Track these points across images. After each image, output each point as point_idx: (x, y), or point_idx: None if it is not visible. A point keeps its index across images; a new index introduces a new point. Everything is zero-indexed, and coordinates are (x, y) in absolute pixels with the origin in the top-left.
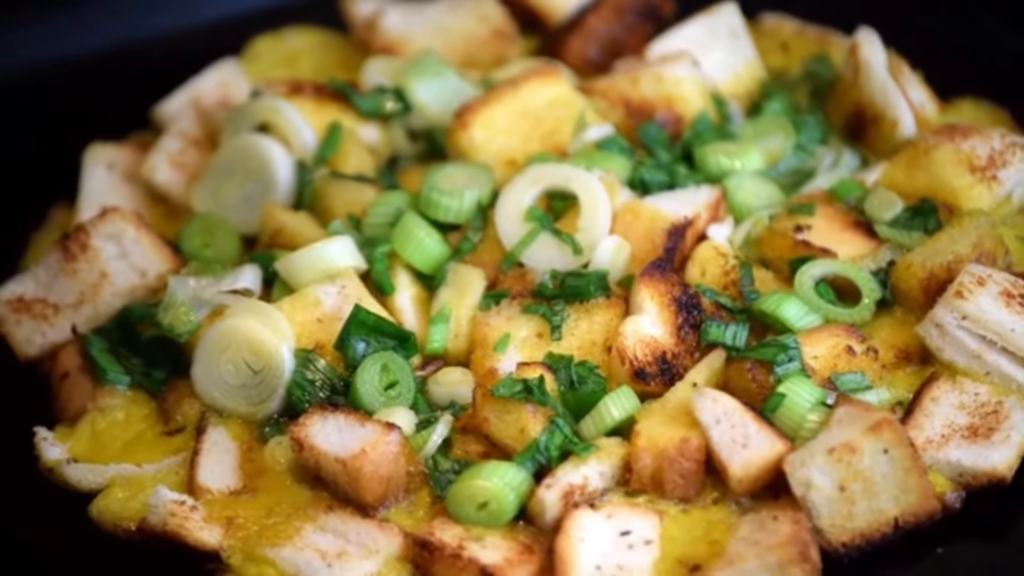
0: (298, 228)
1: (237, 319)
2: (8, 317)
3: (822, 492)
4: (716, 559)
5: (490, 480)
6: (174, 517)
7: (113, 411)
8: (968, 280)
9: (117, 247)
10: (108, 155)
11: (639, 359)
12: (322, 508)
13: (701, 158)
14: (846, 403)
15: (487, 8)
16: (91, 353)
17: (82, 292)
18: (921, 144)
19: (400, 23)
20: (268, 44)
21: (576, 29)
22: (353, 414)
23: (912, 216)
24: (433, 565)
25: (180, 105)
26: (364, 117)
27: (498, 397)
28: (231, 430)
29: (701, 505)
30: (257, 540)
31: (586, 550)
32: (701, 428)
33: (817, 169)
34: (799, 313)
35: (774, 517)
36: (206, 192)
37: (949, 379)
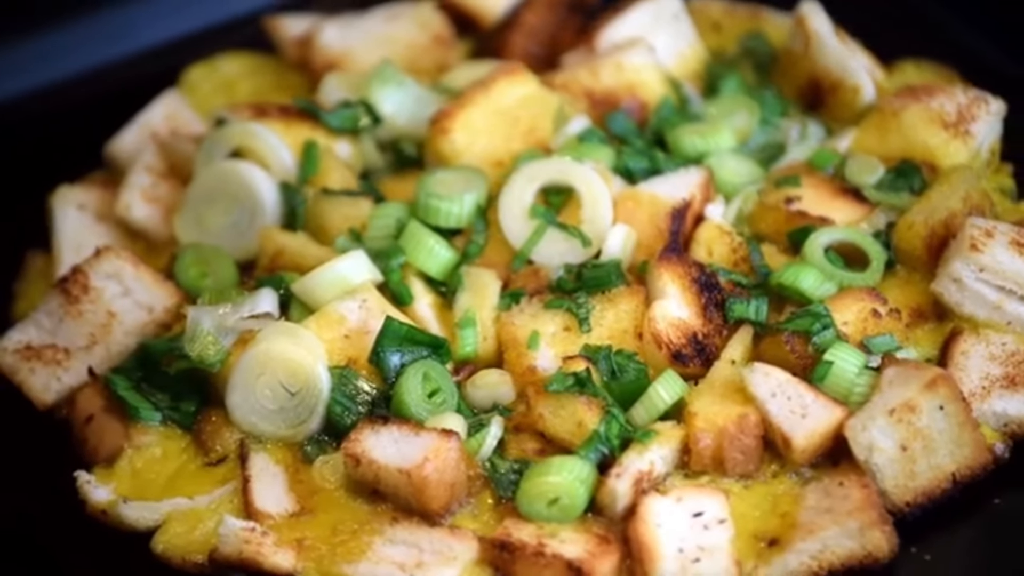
0: (300, 248)
1: (269, 343)
2: (20, 367)
3: (885, 454)
4: (791, 531)
5: (559, 475)
6: (248, 544)
7: (149, 448)
8: (977, 233)
9: (119, 285)
10: (76, 197)
11: (674, 342)
12: (386, 521)
13: (675, 142)
14: (894, 364)
15: (426, 14)
16: (117, 393)
17: (92, 333)
18: (887, 107)
19: (339, 38)
20: (202, 72)
21: (515, 27)
22: (405, 424)
23: (896, 177)
24: (514, 566)
25: (133, 140)
26: (334, 133)
27: (552, 393)
28: (273, 455)
29: (762, 480)
30: (331, 559)
31: (665, 534)
32: (756, 403)
33: (786, 142)
34: (817, 282)
35: (839, 483)
36: (189, 223)
37: (972, 332)
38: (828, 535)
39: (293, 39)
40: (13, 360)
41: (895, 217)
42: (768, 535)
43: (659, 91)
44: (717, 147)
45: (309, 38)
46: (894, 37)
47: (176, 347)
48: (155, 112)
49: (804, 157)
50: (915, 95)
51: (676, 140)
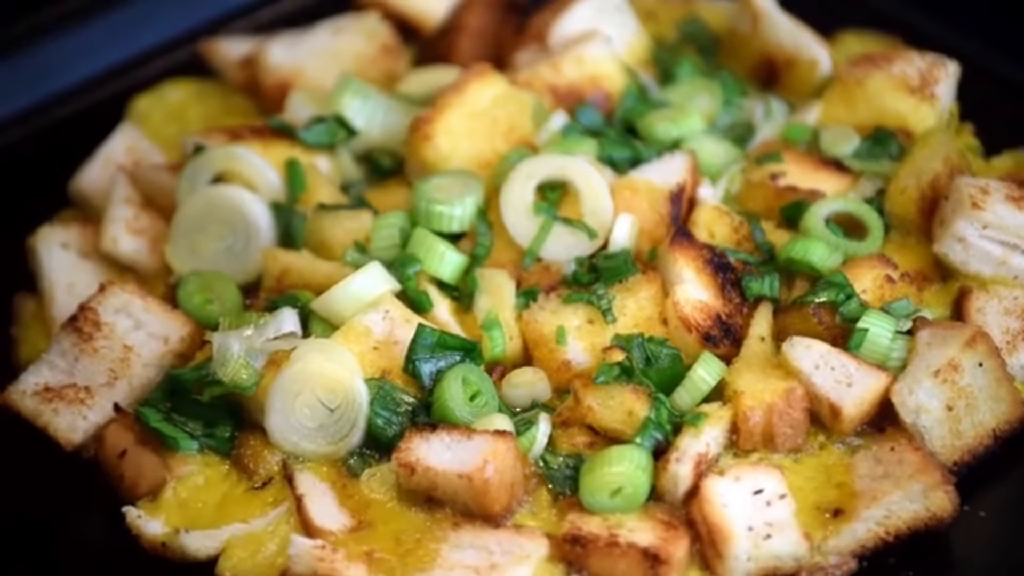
0: (309, 266)
1: (304, 361)
2: (42, 409)
3: (932, 415)
4: (853, 499)
5: (621, 465)
6: (322, 562)
7: (191, 477)
8: (974, 191)
9: (129, 319)
10: (58, 236)
11: (702, 325)
12: (448, 527)
13: (647, 129)
14: (927, 325)
15: (372, 25)
16: (151, 426)
17: (111, 369)
18: (849, 78)
19: (287, 57)
20: (150, 102)
21: (459, 30)
22: (455, 430)
23: (872, 145)
24: (588, 559)
25: (98, 175)
26: (311, 150)
27: (600, 385)
28: (317, 472)
29: (810, 453)
30: (402, 570)
31: (733, 514)
32: (801, 377)
33: (753, 121)
34: (826, 254)
35: (890, 449)
36: (182, 251)
37: (982, 290)
38: (892, 500)
39: (234, 62)
40: (34, 403)
41: (881, 184)
42: (830, 506)
43: (621, 81)
44: (690, 131)
45: (254, 59)
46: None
47: (206, 374)
48: (115, 145)
49: (774, 134)
50: (874, 63)
51: (648, 128)
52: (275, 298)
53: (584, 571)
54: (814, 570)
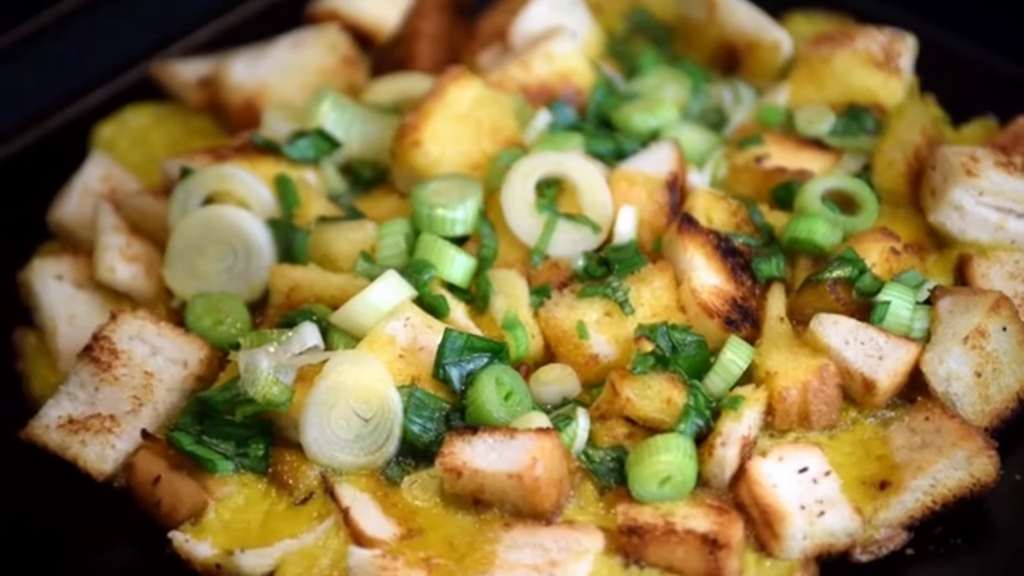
0: (318, 280)
1: (337, 374)
2: (69, 441)
3: (963, 382)
4: (896, 471)
5: (669, 453)
6: (385, 571)
7: (231, 498)
8: (965, 159)
9: (144, 345)
10: (51, 269)
11: (721, 310)
12: (499, 528)
13: (623, 122)
14: (946, 294)
15: (332, 37)
16: (185, 450)
17: (135, 396)
18: (813, 58)
19: (250, 74)
20: (113, 129)
21: (415, 37)
22: (496, 431)
23: (848, 122)
24: (645, 549)
25: (77, 205)
26: (296, 164)
27: (638, 375)
28: (356, 484)
29: (844, 429)
30: (462, 574)
31: (784, 494)
32: (831, 353)
33: (723, 106)
34: (828, 232)
35: (925, 418)
36: (181, 275)
37: (982, 256)
38: (938, 469)
39: (190, 83)
40: (59, 436)
41: (864, 159)
42: (874, 479)
43: (589, 76)
44: (666, 121)
45: (214, 79)
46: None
47: (236, 394)
48: (89, 175)
49: (748, 118)
50: (836, 41)
51: (624, 120)
52: (289, 314)
53: (641, 561)
54: (868, 544)
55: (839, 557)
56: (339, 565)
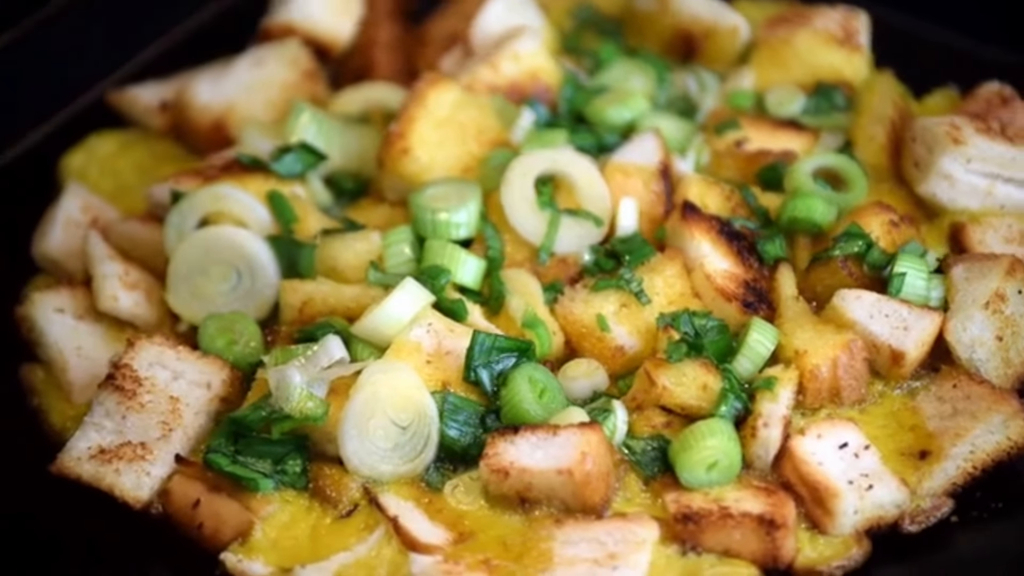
0: (331, 292)
1: (373, 384)
2: (103, 471)
3: (986, 346)
4: (933, 440)
5: (715, 438)
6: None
7: (276, 516)
8: (948, 129)
9: (165, 370)
10: (51, 302)
11: (737, 293)
12: (550, 525)
13: (597, 116)
14: (959, 261)
15: (293, 52)
16: (224, 471)
17: (163, 422)
18: (773, 40)
19: (215, 95)
20: (81, 158)
21: (372, 46)
22: (538, 429)
23: (819, 100)
24: (702, 535)
25: (62, 237)
26: (284, 180)
27: (673, 363)
28: (398, 493)
29: (872, 402)
30: (523, 573)
31: (830, 470)
32: (856, 328)
33: (689, 95)
34: (826, 210)
35: (953, 386)
36: (186, 298)
37: (974, 223)
38: (976, 435)
39: (151, 108)
40: (92, 466)
41: (841, 136)
42: (913, 449)
43: (556, 73)
44: (640, 112)
45: (179, 102)
46: None
47: (271, 412)
48: (69, 206)
49: (717, 104)
50: (793, 22)
51: (598, 114)
52: (307, 328)
53: (698, 548)
54: (916, 515)
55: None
56: (397, 574)
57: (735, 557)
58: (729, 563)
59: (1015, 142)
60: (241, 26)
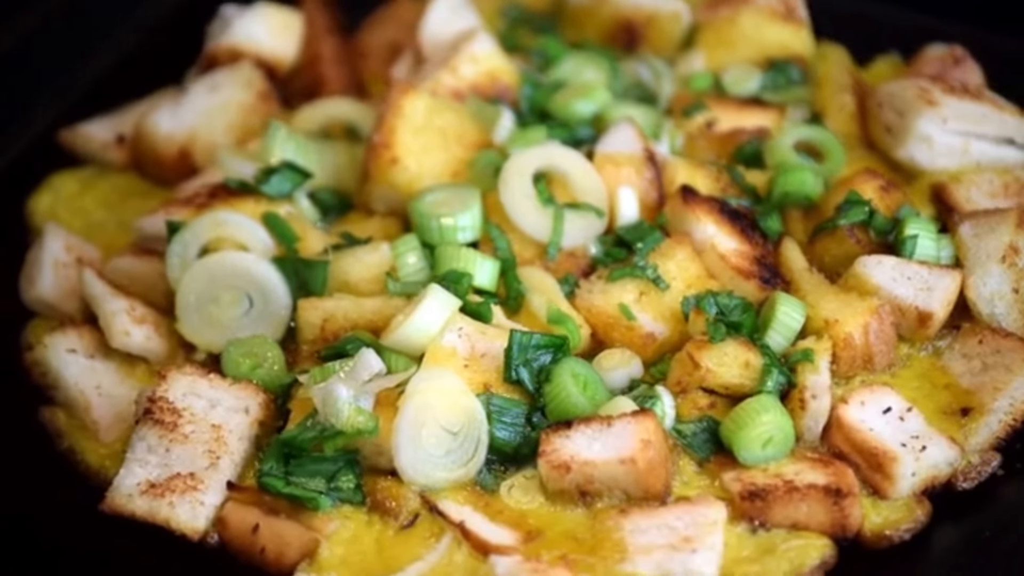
0: (352, 307)
1: (421, 393)
2: (157, 505)
3: (1005, 300)
4: (970, 396)
5: (768, 414)
6: (537, 573)
7: (339, 533)
8: (918, 91)
9: (200, 399)
10: (62, 343)
11: (752, 270)
12: (616, 516)
13: (562, 111)
14: (964, 219)
15: (247, 74)
16: (282, 493)
17: (209, 451)
18: (716, 21)
19: (176, 123)
20: (47, 199)
21: (318, 62)
22: (590, 421)
23: (775, 76)
24: (770, 510)
25: (52, 280)
26: (275, 201)
27: (715, 345)
28: (455, 497)
29: (902, 366)
30: (603, 566)
31: (882, 436)
32: (881, 293)
33: (643, 82)
34: (815, 182)
35: (979, 342)
36: (199, 326)
37: (954, 182)
38: (1015, 387)
39: (107, 143)
40: (145, 502)
41: (805, 108)
42: (952, 407)
43: (514, 72)
44: (604, 103)
45: (140, 135)
46: None
47: (322, 429)
48: (54, 247)
49: (676, 90)
50: (733, 2)
51: (563, 109)
52: (334, 345)
53: (767, 524)
54: (968, 471)
55: (942, 488)
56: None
57: (803, 530)
58: (801, 536)
59: (980, 99)
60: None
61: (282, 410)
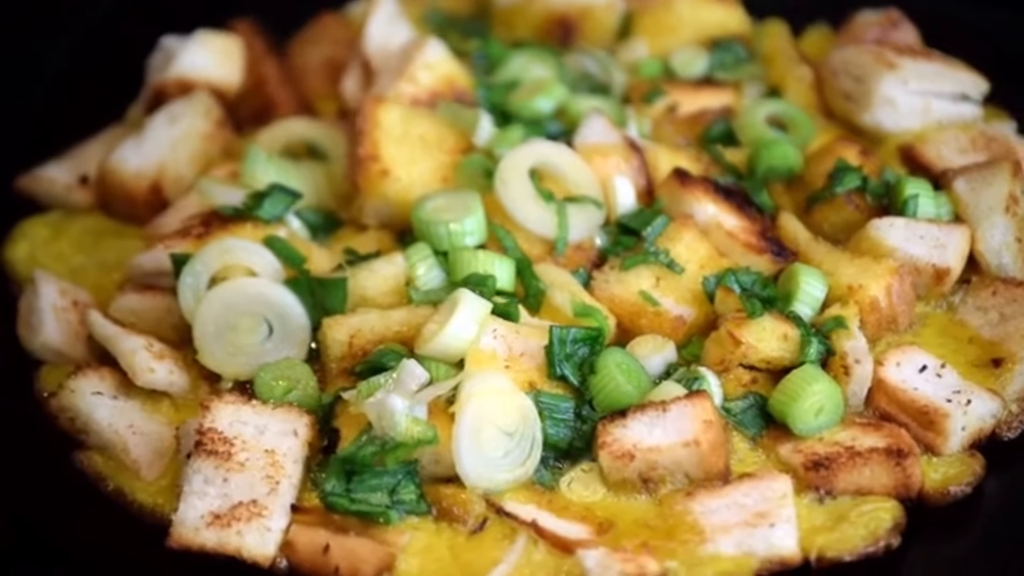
0: (378, 321)
1: (476, 398)
2: (226, 535)
3: (1011, 249)
4: (998, 347)
5: (818, 383)
6: (628, 563)
7: (412, 544)
8: (876, 55)
9: (247, 426)
10: (86, 386)
11: (761, 244)
12: (684, 499)
13: (523, 109)
14: (957, 175)
15: (205, 103)
16: (352, 511)
17: (268, 476)
18: (651, 9)
19: (142, 159)
20: (23, 248)
21: (266, 84)
22: (645, 408)
23: (721, 55)
24: (835, 477)
25: (56, 328)
26: (269, 224)
27: (754, 321)
28: (517, 498)
29: (922, 324)
30: (683, 550)
31: (928, 395)
32: (896, 254)
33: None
34: (796, 154)
35: (992, 293)
36: (222, 356)
37: (920, 142)
38: None
39: (70, 186)
40: (213, 533)
41: (760, 84)
42: (982, 360)
43: (466, 75)
44: (561, 98)
45: (106, 174)
46: None
47: (383, 443)
48: (49, 294)
49: (628, 79)
50: None
51: (523, 108)
52: (369, 360)
53: (833, 492)
54: (1010, 421)
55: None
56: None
57: (867, 495)
58: (868, 501)
59: (932, 59)
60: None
61: (324, 430)
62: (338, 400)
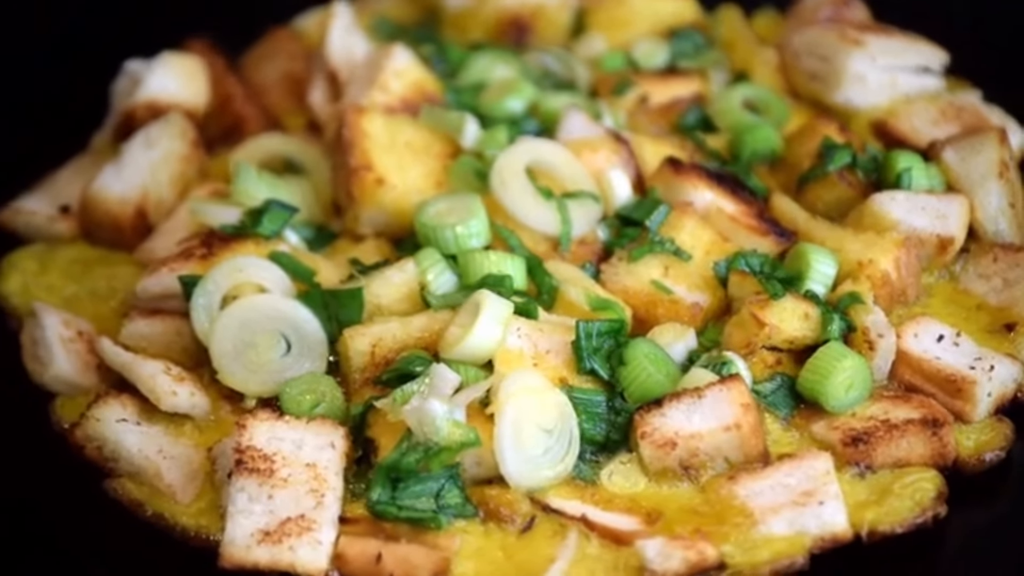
0: (399, 328)
1: (515, 398)
2: (278, 551)
3: (1006, 215)
4: (1009, 311)
5: (847, 359)
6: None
7: (464, 548)
8: (840, 34)
9: (284, 441)
10: (110, 415)
11: (764, 227)
12: (727, 484)
13: (494, 110)
14: (945, 146)
15: (180, 124)
16: (402, 519)
17: (312, 490)
18: (605, 4)
19: (124, 185)
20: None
21: (233, 101)
22: (681, 396)
23: (682, 44)
24: (874, 451)
25: (67, 358)
26: (270, 240)
27: (775, 302)
28: (561, 494)
29: (928, 296)
30: (736, 533)
31: (951, 363)
32: (900, 227)
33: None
34: (776, 136)
35: (993, 260)
36: (243, 374)
37: (892, 116)
38: None
39: (51, 217)
40: (266, 550)
41: (724, 70)
42: (994, 326)
43: (434, 79)
44: (531, 97)
45: (89, 203)
46: None
47: (427, 448)
48: (54, 325)
49: (592, 73)
50: None
51: (494, 108)
52: (394, 368)
53: (872, 466)
54: None
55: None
56: (618, 567)
57: (904, 467)
58: (908, 472)
59: (891, 34)
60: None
61: (357, 440)
62: (369, 409)
